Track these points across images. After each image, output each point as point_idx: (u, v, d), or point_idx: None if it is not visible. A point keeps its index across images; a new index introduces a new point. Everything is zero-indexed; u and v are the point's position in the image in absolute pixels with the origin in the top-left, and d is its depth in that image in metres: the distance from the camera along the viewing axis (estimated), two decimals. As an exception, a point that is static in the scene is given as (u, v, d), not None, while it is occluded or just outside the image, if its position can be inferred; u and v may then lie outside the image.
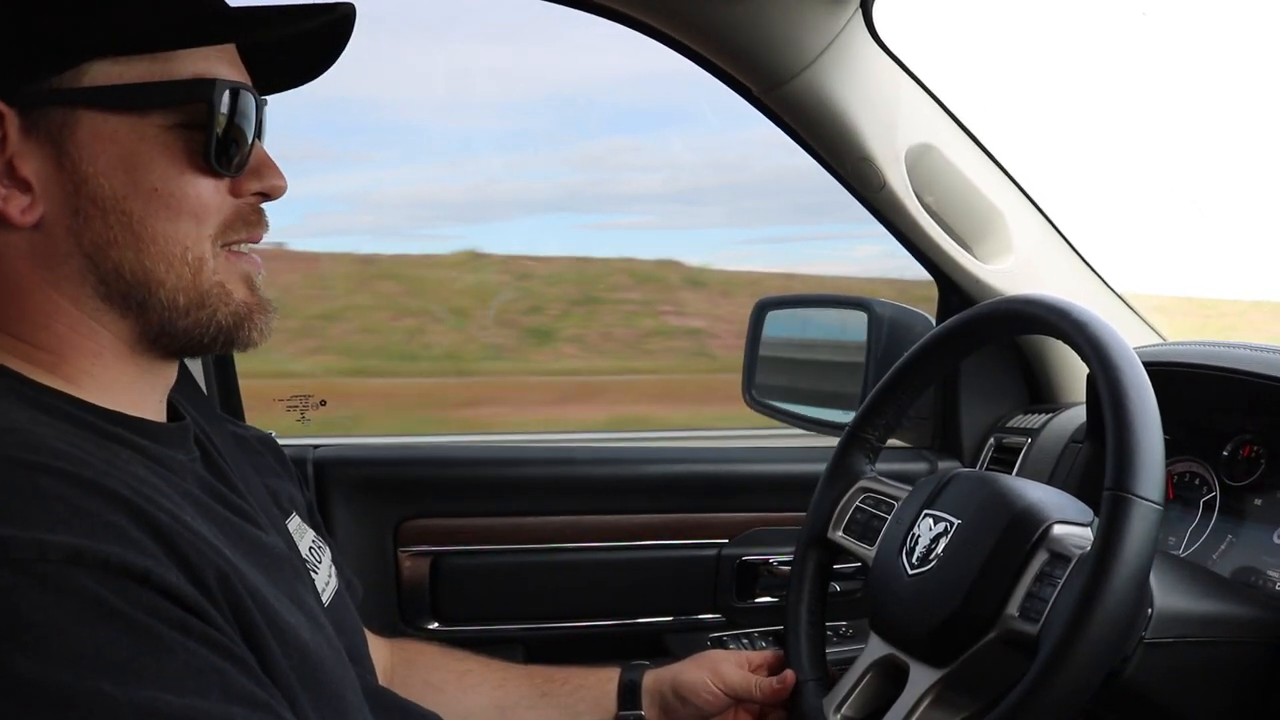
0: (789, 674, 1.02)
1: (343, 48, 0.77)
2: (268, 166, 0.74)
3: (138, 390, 0.72)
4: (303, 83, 0.81)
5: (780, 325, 1.71)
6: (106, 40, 0.66)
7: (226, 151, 0.70)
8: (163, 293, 0.69)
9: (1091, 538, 0.81)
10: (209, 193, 0.70)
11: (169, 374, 0.76)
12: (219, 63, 0.71)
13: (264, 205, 0.76)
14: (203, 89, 0.69)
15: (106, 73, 0.66)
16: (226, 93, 0.70)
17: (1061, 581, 0.81)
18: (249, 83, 0.74)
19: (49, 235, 0.67)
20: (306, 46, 0.76)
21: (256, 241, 0.75)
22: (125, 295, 0.69)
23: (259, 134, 0.74)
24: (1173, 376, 1.09)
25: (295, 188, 0.77)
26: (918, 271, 1.55)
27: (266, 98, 0.77)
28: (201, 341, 0.72)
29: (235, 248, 0.73)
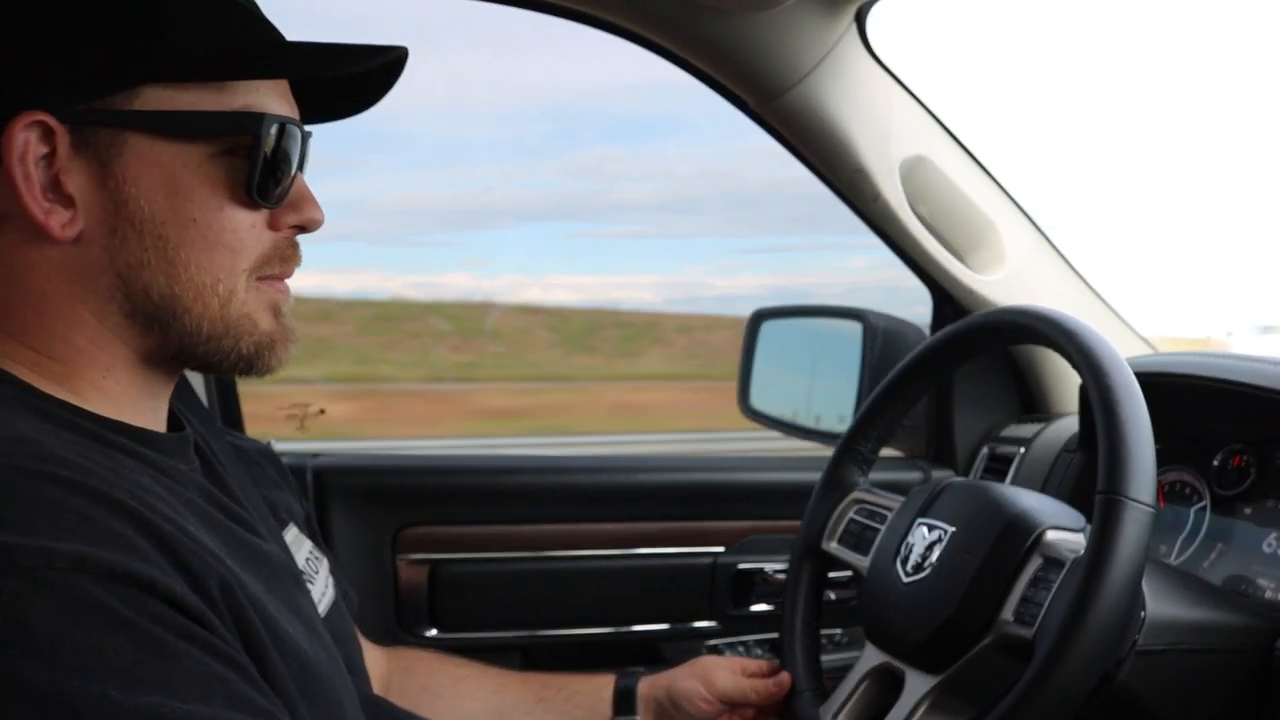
0: (784, 676, 1.03)
1: (391, 87, 0.78)
2: (306, 200, 0.74)
3: (142, 402, 0.73)
4: (346, 116, 0.81)
5: (775, 335, 1.72)
6: (163, 66, 0.66)
7: (268, 184, 0.70)
8: (188, 319, 0.69)
9: (1084, 543, 0.82)
10: (246, 226, 0.70)
11: (171, 383, 0.77)
12: (269, 95, 0.71)
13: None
14: (251, 122, 0.69)
15: (159, 97, 0.67)
16: (275, 127, 0.70)
17: (1056, 585, 0.82)
18: (296, 116, 0.74)
19: (85, 251, 0.67)
20: (357, 84, 0.77)
21: (289, 275, 0.75)
22: (150, 315, 0.69)
23: (301, 166, 0.74)
24: (1163, 386, 1.10)
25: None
26: (909, 293, 1.56)
27: (311, 129, 0.76)
28: (220, 366, 0.73)
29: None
